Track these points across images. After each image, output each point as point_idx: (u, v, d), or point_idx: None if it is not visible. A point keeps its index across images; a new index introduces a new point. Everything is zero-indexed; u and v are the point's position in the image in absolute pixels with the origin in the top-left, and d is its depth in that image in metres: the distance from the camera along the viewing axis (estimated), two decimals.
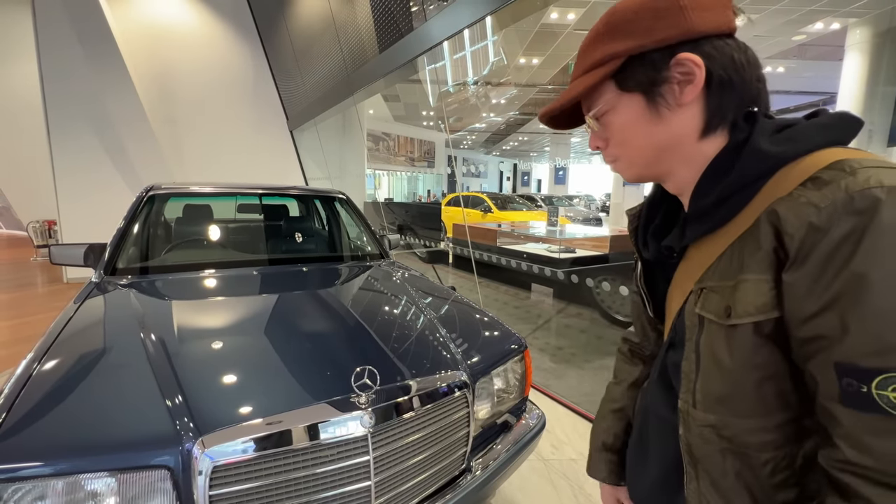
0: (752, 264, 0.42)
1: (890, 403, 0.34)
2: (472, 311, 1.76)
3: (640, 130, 0.50)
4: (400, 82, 8.08)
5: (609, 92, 0.51)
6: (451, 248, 5.37)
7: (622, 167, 0.54)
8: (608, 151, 0.54)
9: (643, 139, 0.50)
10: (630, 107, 0.49)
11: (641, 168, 0.53)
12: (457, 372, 1.25)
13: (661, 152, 0.50)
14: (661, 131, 0.49)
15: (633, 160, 0.53)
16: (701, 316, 0.47)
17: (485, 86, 11.74)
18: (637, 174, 0.54)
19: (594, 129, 0.55)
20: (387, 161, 19.12)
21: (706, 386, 0.47)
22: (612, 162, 0.56)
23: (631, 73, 0.48)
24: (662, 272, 0.58)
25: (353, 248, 2.66)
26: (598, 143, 0.55)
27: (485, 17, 2.85)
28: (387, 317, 1.62)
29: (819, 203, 0.38)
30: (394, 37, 4.14)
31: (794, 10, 6.17)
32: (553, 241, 4.23)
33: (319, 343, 1.33)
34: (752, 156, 0.44)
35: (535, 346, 3.47)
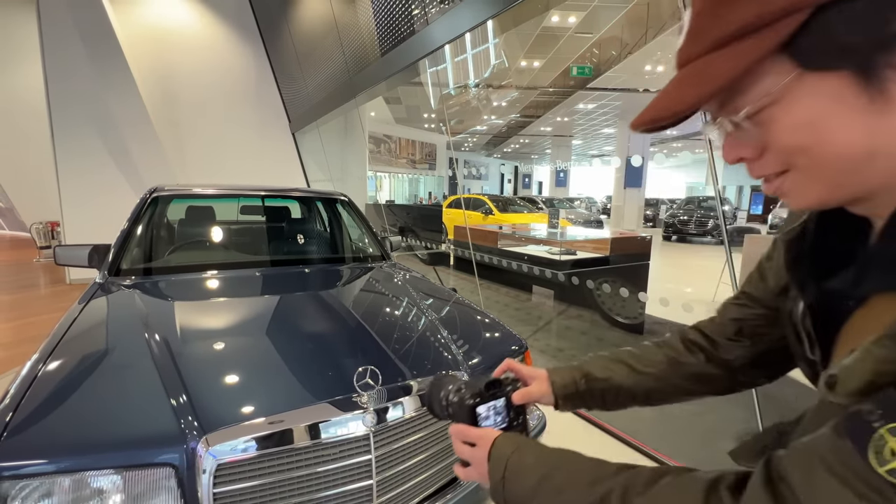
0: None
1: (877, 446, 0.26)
2: (473, 313, 1.77)
3: (842, 128, 0.30)
4: (401, 85, 8.12)
5: (775, 72, 0.31)
6: (452, 249, 5.39)
7: (796, 186, 0.34)
8: (766, 164, 0.35)
9: (847, 139, 0.30)
10: (822, 93, 0.30)
11: (831, 188, 0.33)
12: (457, 372, 1.26)
13: (877, 158, 0.30)
14: (885, 128, 0.29)
15: (822, 173, 0.32)
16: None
17: (486, 88, 11.77)
18: (819, 197, 0.34)
19: (730, 132, 0.35)
20: (388, 163, 19.17)
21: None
22: (773, 179, 0.35)
23: (825, 38, 0.29)
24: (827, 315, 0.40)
25: (355, 249, 2.68)
26: (745, 151, 0.35)
27: (486, 21, 2.87)
28: (388, 318, 1.63)
29: None
30: (395, 40, 4.16)
31: None
32: (554, 243, 4.25)
33: (321, 343, 1.34)
34: None
35: (536, 348, 3.47)
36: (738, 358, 0.58)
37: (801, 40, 0.29)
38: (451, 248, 5.47)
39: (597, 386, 0.64)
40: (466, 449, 0.54)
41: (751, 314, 0.56)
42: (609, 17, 7.17)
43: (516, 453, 0.49)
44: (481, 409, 0.56)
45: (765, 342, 0.56)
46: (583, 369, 0.66)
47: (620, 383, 0.63)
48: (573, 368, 0.67)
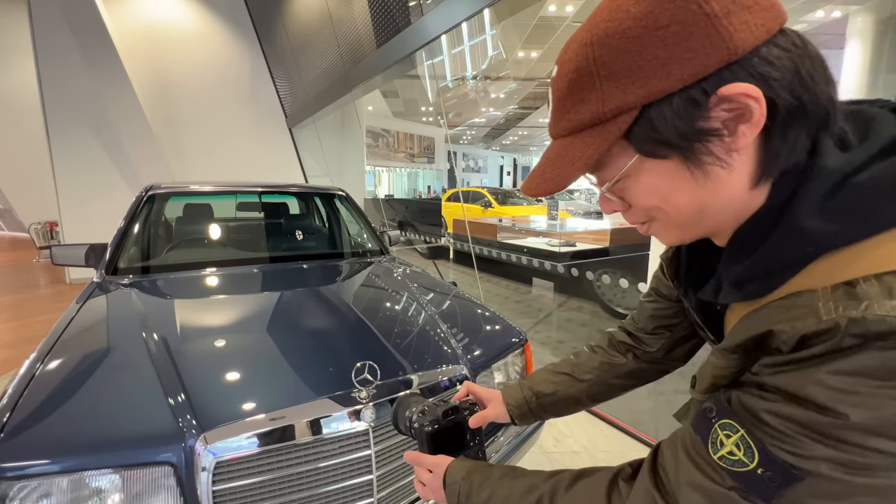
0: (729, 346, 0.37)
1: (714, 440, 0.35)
2: (473, 306, 1.76)
3: (679, 194, 0.37)
4: (398, 78, 8.05)
5: (622, 154, 0.37)
6: (451, 243, 5.37)
7: (657, 231, 0.43)
8: (633, 214, 0.42)
9: (684, 202, 0.37)
10: (660, 170, 0.36)
11: (683, 231, 0.41)
12: (457, 366, 1.25)
13: (708, 212, 0.38)
14: (710, 193, 0.36)
15: (673, 223, 0.40)
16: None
17: (484, 80, 11.68)
18: (678, 237, 0.43)
19: (604, 194, 0.43)
20: (386, 157, 19.09)
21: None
22: (641, 225, 0.44)
23: (652, 130, 0.34)
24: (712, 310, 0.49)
25: (354, 244, 2.67)
26: (616, 206, 0.43)
27: (483, 10, 2.84)
28: (387, 312, 1.63)
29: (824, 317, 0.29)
30: (391, 31, 4.12)
31: None
32: (553, 235, 4.24)
33: (320, 339, 1.34)
34: (788, 236, 0.34)
35: (537, 340, 3.48)
36: (661, 348, 0.67)
37: (635, 131, 0.35)
38: (450, 242, 5.46)
39: (546, 400, 0.72)
40: (425, 473, 0.61)
41: (664, 308, 0.64)
42: None
43: (466, 478, 0.55)
44: (438, 434, 0.62)
45: (679, 330, 0.65)
46: (532, 388, 0.73)
47: (566, 393, 0.72)
48: (523, 387, 0.74)
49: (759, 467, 0.32)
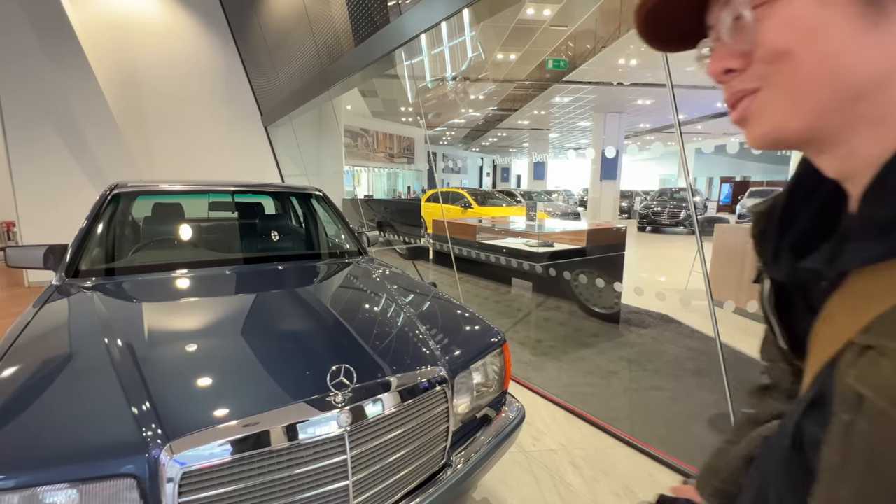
0: None
1: None
2: (452, 307, 1.76)
3: (834, 33, 0.27)
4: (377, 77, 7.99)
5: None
6: (431, 244, 5.36)
7: (760, 105, 0.32)
8: (746, 77, 0.32)
9: (833, 50, 0.28)
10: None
11: (805, 112, 0.30)
12: (435, 367, 1.25)
13: (855, 90, 0.28)
14: (875, 46, 0.27)
15: (797, 93, 0.29)
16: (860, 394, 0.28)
17: (463, 81, 11.72)
18: (790, 123, 0.31)
19: (723, 41, 0.33)
20: (366, 157, 18.91)
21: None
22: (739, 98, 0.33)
23: None
24: (804, 296, 0.39)
25: (331, 245, 2.62)
26: (731, 62, 0.33)
27: (461, 10, 2.84)
28: (365, 314, 1.60)
29: None
30: (369, 29, 4.08)
31: None
32: (531, 236, 4.28)
33: (295, 342, 1.30)
34: None
35: (515, 340, 3.50)
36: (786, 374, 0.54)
37: None
38: (430, 243, 5.44)
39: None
40: None
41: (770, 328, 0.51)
42: (583, 10, 7.22)
43: None
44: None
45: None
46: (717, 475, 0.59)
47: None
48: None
49: None
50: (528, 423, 2.25)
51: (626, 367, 2.98)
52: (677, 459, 1.94)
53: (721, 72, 0.33)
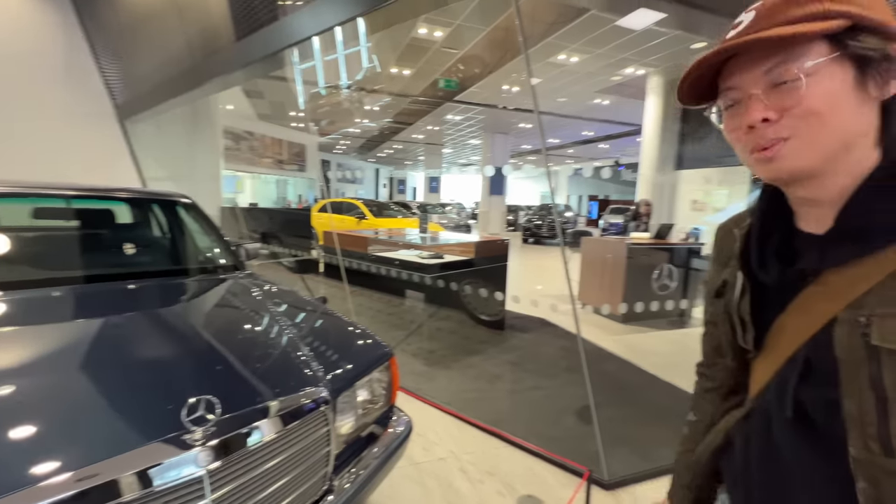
0: None
1: None
2: (339, 323, 1.70)
3: (845, 107, 0.42)
4: (263, 77, 7.46)
5: (821, 52, 0.42)
6: (322, 256, 5.13)
7: (793, 150, 0.44)
8: (780, 126, 0.44)
9: (842, 119, 0.42)
10: (840, 75, 0.42)
11: (819, 155, 0.43)
12: (316, 389, 1.19)
13: (847, 143, 0.43)
14: (860, 118, 0.43)
15: (817, 143, 0.43)
16: (876, 347, 0.41)
17: (358, 91, 11.58)
18: (807, 163, 0.44)
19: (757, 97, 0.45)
20: (251, 162, 17.36)
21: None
22: (773, 144, 0.44)
23: (857, 38, 0.41)
24: (774, 297, 0.51)
25: (200, 260, 2.34)
26: (769, 113, 0.44)
27: (354, 18, 2.81)
28: (241, 335, 1.46)
29: None
30: (253, 24, 3.80)
31: (612, 55, 7.55)
32: (422, 248, 4.37)
33: (149, 374, 1.13)
34: None
35: (408, 352, 3.52)
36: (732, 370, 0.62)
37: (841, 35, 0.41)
38: (321, 255, 5.20)
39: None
40: None
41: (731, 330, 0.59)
42: (472, 36, 7.72)
43: None
44: None
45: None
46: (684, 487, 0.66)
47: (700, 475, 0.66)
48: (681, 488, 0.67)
49: None
50: (419, 435, 2.27)
51: (510, 370, 3.21)
52: (552, 453, 2.13)
53: (759, 120, 0.45)
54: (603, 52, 7.48)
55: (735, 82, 0.47)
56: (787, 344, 0.49)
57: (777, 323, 0.50)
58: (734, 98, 0.47)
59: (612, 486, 1.94)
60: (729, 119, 0.49)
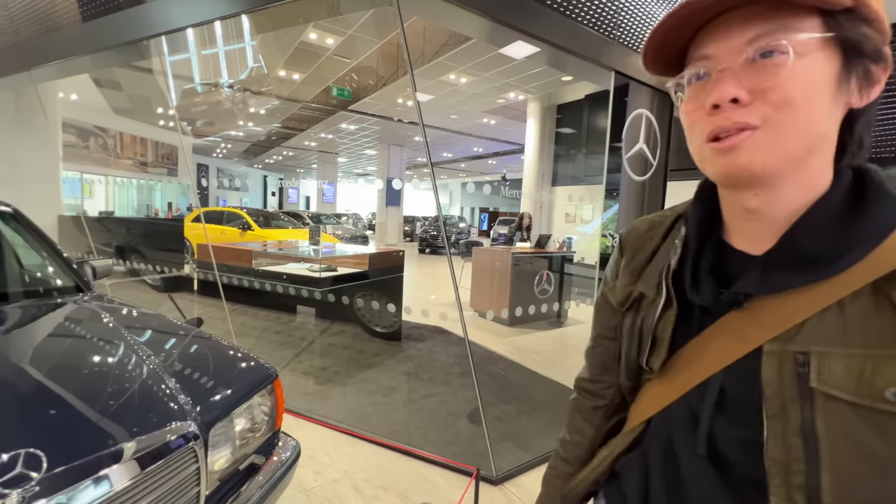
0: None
1: None
2: (214, 346, 1.55)
3: (820, 102, 0.37)
4: (120, 67, 6.46)
5: (813, 28, 0.36)
6: (196, 272, 4.57)
7: (758, 143, 0.37)
8: (750, 112, 0.37)
9: (814, 116, 0.37)
10: (826, 64, 0.36)
11: (785, 153, 0.37)
12: (182, 423, 1.07)
13: (811, 147, 0.38)
14: (830, 120, 0.38)
15: (785, 137, 0.37)
16: (812, 389, 0.36)
17: (243, 92, 10.69)
18: (771, 161, 0.38)
19: (731, 71, 0.38)
20: (103, 163, 14.76)
21: (846, 487, 0.35)
22: (738, 129, 0.38)
23: (856, 24, 0.36)
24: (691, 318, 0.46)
25: (28, 281, 1.93)
26: (741, 92, 0.37)
27: (239, 14, 2.60)
28: (80, 371, 1.24)
29: None
30: (107, 4, 3.27)
31: (496, 80, 8.23)
32: (312, 261, 4.19)
33: None
34: (888, 201, 0.38)
35: (299, 371, 3.32)
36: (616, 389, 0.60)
37: (839, 16, 0.36)
38: (195, 271, 4.64)
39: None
40: None
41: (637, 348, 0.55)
42: (365, 48, 7.71)
43: None
44: None
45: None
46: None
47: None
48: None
49: None
50: (310, 458, 2.16)
51: (406, 381, 3.23)
52: (444, 458, 2.20)
53: (728, 98, 0.37)
54: (489, 76, 8.10)
55: (710, 50, 0.39)
56: (698, 369, 0.44)
57: (689, 345, 0.45)
58: (704, 69, 0.40)
59: (500, 481, 2.08)
60: (692, 96, 0.41)
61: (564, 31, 2.44)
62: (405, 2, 2.07)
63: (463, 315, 2.27)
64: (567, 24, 2.47)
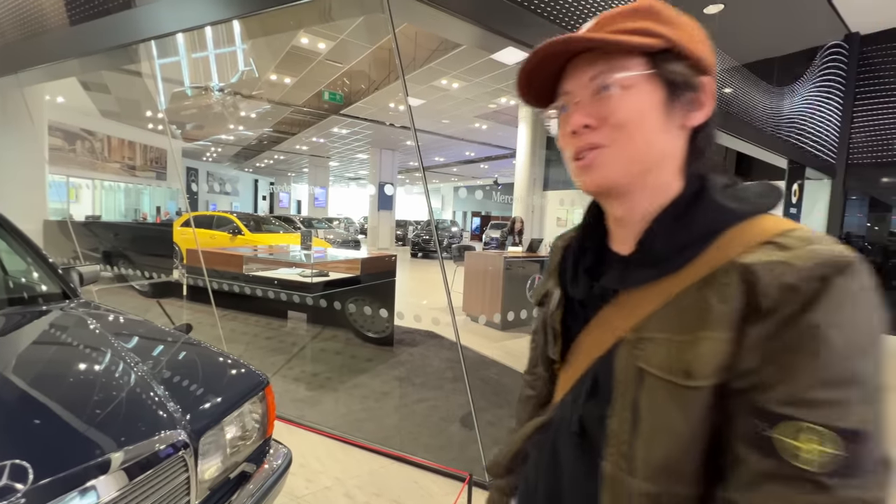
0: (712, 320, 0.39)
1: (785, 449, 0.35)
2: (203, 353, 1.54)
3: (650, 124, 0.45)
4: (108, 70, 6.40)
5: (638, 67, 0.44)
6: (186, 277, 4.52)
7: (604, 159, 0.45)
8: (597, 134, 0.46)
9: (647, 134, 0.45)
10: (651, 94, 0.44)
11: (625, 167, 0.45)
12: (172, 432, 1.06)
13: (650, 163, 0.46)
14: (662, 140, 0.45)
15: (624, 154, 0.45)
16: (642, 369, 0.43)
17: (233, 95, 10.62)
18: (614, 174, 0.46)
19: (583, 103, 0.46)
20: (91, 167, 14.56)
21: (649, 452, 0.42)
22: (588, 149, 0.46)
23: (670, 62, 0.44)
24: (581, 313, 0.53)
25: (12, 287, 1.89)
26: (589, 120, 0.46)
27: (231, 20, 2.59)
28: (66, 379, 1.22)
29: (794, 264, 0.37)
30: (96, 8, 3.25)
31: (488, 85, 8.29)
32: (305, 266, 4.17)
33: None
34: (711, 207, 0.44)
35: (290, 377, 3.30)
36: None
37: (659, 55, 0.44)
38: (184, 276, 4.59)
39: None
40: None
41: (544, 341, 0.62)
42: (356, 53, 7.72)
43: None
44: None
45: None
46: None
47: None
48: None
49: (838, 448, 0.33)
50: (301, 466, 2.14)
51: (398, 386, 3.22)
52: (436, 463, 2.20)
53: (581, 125, 0.46)
54: (480, 82, 8.16)
55: (568, 87, 0.48)
56: (583, 359, 0.51)
57: (579, 338, 0.53)
58: (565, 102, 0.49)
59: None
60: (560, 124, 0.50)
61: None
62: (396, 8, 2.08)
63: (455, 319, 2.28)
64: (556, 33, 2.50)
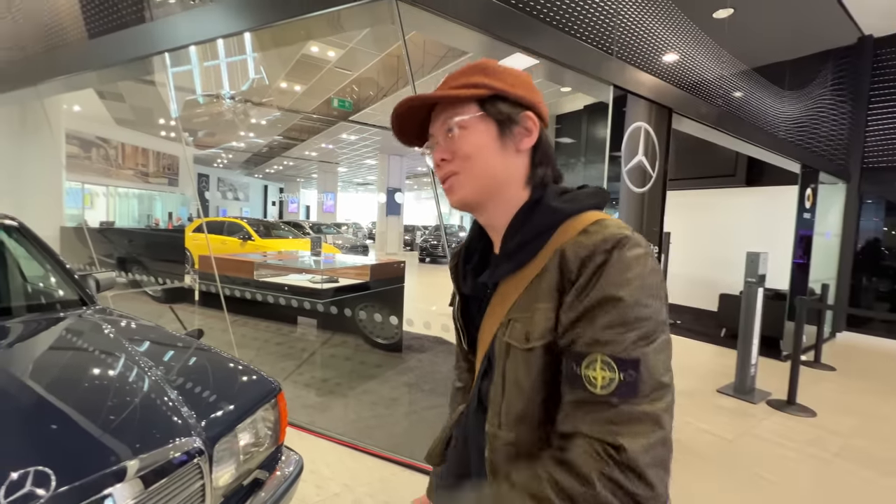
0: (542, 295, 0.52)
1: (587, 379, 0.46)
2: (216, 359, 1.55)
3: (488, 153, 0.57)
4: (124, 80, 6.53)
5: (472, 111, 0.57)
6: (198, 283, 4.58)
7: (458, 183, 0.59)
8: (451, 165, 0.59)
9: (487, 161, 0.57)
10: (485, 130, 0.57)
11: (475, 188, 0.58)
12: (187, 439, 1.07)
13: (495, 182, 0.58)
14: (501, 163, 0.58)
15: (472, 178, 0.58)
16: (508, 343, 0.54)
17: (244, 103, 10.79)
18: (468, 194, 0.59)
19: (440, 143, 0.60)
20: (105, 174, 14.84)
21: (509, 407, 0.53)
22: (448, 176, 0.60)
23: (495, 104, 0.57)
24: (479, 307, 0.64)
25: (31, 294, 1.94)
26: (445, 154, 0.59)
27: (243, 32, 2.65)
28: (82, 385, 1.25)
29: (587, 243, 0.50)
30: (113, 22, 3.33)
31: None
32: (314, 272, 4.19)
33: None
34: (546, 210, 0.56)
35: (300, 383, 3.31)
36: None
37: (487, 101, 0.57)
38: (196, 282, 4.64)
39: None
40: None
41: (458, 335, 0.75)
42: (365, 60, 7.81)
43: None
44: None
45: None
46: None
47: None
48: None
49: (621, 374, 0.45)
50: (311, 472, 2.14)
51: (407, 392, 3.22)
52: None
53: (440, 160, 0.60)
54: None
55: (432, 130, 0.62)
56: (482, 346, 0.62)
57: (480, 328, 0.64)
58: (431, 142, 0.62)
59: None
60: (433, 158, 0.63)
61: (562, 46, 2.48)
62: (405, 18, 2.11)
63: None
64: (565, 40, 2.51)
